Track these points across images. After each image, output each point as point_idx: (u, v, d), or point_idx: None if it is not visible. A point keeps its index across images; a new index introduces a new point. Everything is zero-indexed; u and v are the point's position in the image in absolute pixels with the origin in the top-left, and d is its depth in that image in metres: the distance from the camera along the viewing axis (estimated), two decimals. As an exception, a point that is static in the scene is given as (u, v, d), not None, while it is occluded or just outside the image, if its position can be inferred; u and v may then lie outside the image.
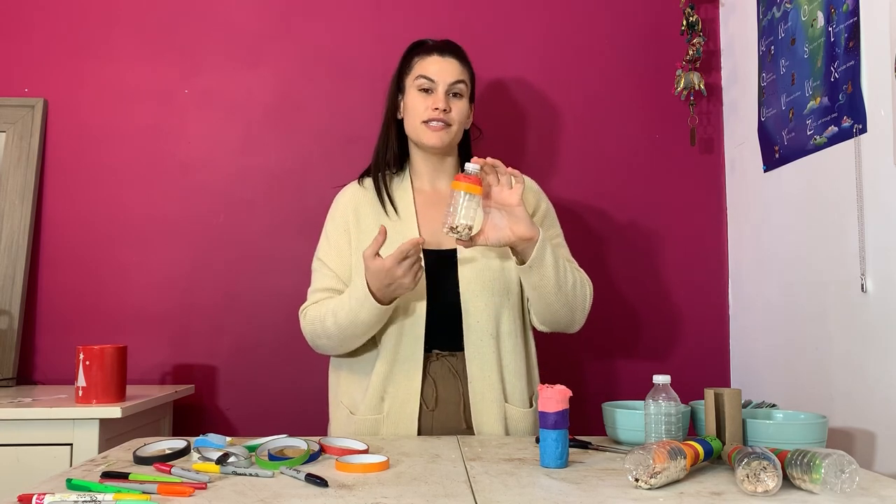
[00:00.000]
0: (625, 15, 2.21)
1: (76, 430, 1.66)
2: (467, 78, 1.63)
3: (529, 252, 1.45)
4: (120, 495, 1.01)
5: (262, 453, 1.24)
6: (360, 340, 1.54)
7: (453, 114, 1.60)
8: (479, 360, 1.55)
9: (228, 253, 2.15)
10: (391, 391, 1.54)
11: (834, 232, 1.62)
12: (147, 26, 2.20)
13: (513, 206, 1.43)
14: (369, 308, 1.46)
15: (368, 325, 1.49)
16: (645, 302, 2.18)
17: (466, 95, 1.62)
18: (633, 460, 1.08)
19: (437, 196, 1.65)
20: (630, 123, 2.20)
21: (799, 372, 1.78)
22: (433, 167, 1.66)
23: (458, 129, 1.62)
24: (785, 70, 1.82)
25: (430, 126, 1.59)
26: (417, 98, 1.60)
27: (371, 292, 1.45)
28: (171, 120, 2.18)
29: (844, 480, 1.03)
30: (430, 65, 1.60)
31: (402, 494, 1.04)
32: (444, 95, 1.59)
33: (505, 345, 1.58)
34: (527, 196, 1.66)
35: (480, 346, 1.55)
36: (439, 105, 1.57)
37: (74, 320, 2.12)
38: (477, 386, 1.55)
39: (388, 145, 1.67)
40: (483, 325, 1.56)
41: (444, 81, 1.59)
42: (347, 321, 1.49)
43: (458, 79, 1.60)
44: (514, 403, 1.58)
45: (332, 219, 1.67)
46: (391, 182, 1.67)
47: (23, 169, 2.12)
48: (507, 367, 1.58)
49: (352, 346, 1.56)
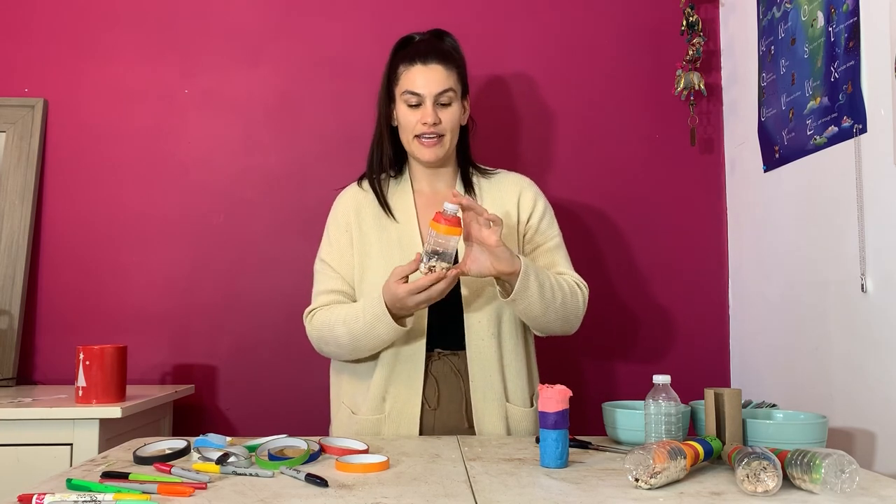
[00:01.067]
0: (625, 15, 2.21)
1: (76, 430, 1.66)
2: (454, 81, 1.59)
3: (512, 284, 1.44)
4: (120, 495, 1.01)
5: (262, 453, 1.24)
6: (373, 351, 1.54)
7: (444, 124, 1.58)
8: (480, 360, 1.55)
9: (228, 253, 2.15)
10: (393, 391, 1.55)
11: (834, 232, 1.62)
12: (147, 26, 2.20)
13: (492, 247, 1.41)
14: (386, 325, 1.45)
15: (384, 340, 1.49)
16: (645, 302, 2.18)
17: (457, 99, 1.60)
18: (633, 460, 1.08)
19: (436, 197, 1.65)
20: (630, 123, 2.20)
21: (799, 372, 1.78)
22: (432, 171, 1.66)
23: (452, 136, 1.61)
24: (785, 70, 1.82)
25: (423, 141, 1.58)
26: (407, 113, 1.58)
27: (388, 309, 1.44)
28: (171, 120, 2.18)
29: (844, 480, 1.03)
30: (415, 77, 1.57)
31: (402, 494, 1.04)
32: (433, 108, 1.56)
33: (506, 344, 1.58)
34: (524, 196, 1.66)
35: (482, 345, 1.55)
36: (428, 119, 1.56)
37: (74, 320, 2.12)
38: (478, 385, 1.55)
39: (383, 152, 1.66)
40: (484, 325, 1.56)
41: (430, 94, 1.56)
42: (362, 333, 1.48)
43: (443, 88, 1.56)
44: (515, 403, 1.58)
45: (333, 220, 1.66)
46: (389, 186, 1.66)
47: (23, 169, 2.12)
48: (509, 366, 1.58)
49: (363, 356, 1.56)
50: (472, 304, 1.56)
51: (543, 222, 1.65)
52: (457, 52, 1.64)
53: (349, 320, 1.50)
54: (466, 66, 1.65)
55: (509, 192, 1.66)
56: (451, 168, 1.68)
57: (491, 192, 1.66)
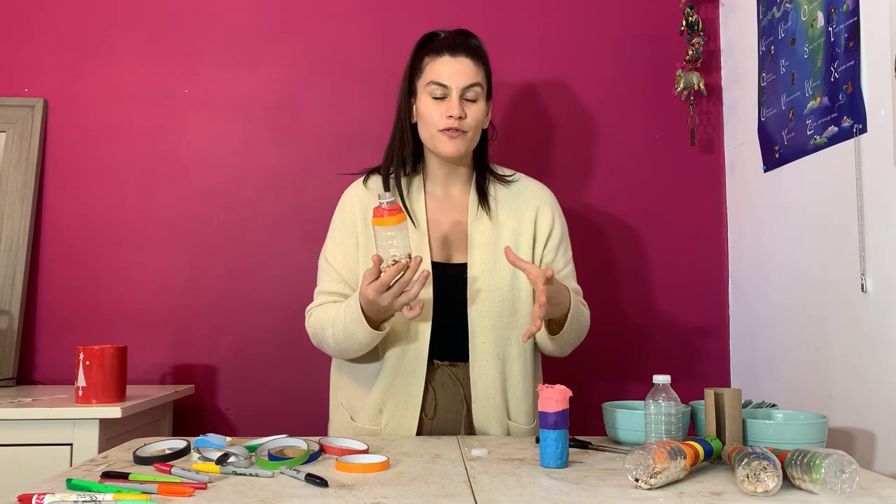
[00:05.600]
0: (625, 15, 2.21)
1: (76, 430, 1.66)
2: (482, 78, 1.55)
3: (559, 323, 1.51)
4: (120, 495, 1.00)
5: (262, 453, 1.24)
6: (358, 353, 1.53)
7: (469, 120, 1.53)
8: (483, 380, 1.53)
9: (228, 253, 2.15)
10: (390, 405, 1.53)
11: (834, 232, 1.62)
12: (147, 26, 2.20)
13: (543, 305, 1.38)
14: (363, 329, 1.44)
15: (364, 344, 1.48)
16: (644, 302, 2.18)
17: (483, 97, 1.55)
18: (633, 460, 1.08)
19: (449, 202, 1.62)
20: (630, 123, 2.20)
21: (799, 372, 1.78)
22: (448, 171, 1.61)
23: (475, 134, 1.56)
24: (785, 70, 1.82)
25: (447, 134, 1.53)
26: (431, 105, 1.53)
27: (364, 313, 1.43)
28: (171, 120, 2.18)
29: (844, 480, 1.03)
30: (442, 68, 1.52)
31: (402, 494, 1.04)
32: (459, 101, 1.51)
33: (512, 366, 1.55)
34: (542, 214, 1.62)
35: (486, 366, 1.53)
36: (453, 113, 1.50)
37: (74, 320, 2.12)
38: (481, 405, 1.53)
39: (403, 148, 1.61)
40: (489, 346, 1.53)
41: (457, 86, 1.51)
42: (343, 336, 1.48)
43: (472, 82, 1.52)
44: (517, 421, 1.57)
45: (339, 219, 1.62)
46: (406, 187, 1.61)
47: (23, 169, 2.12)
48: (513, 387, 1.55)
49: (351, 357, 1.55)
50: (478, 326, 1.53)
51: (561, 248, 1.63)
52: (484, 52, 1.60)
53: (336, 322, 1.49)
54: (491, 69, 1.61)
55: (527, 206, 1.62)
56: (467, 170, 1.64)
57: (508, 202, 1.62)
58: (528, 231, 1.60)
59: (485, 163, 1.65)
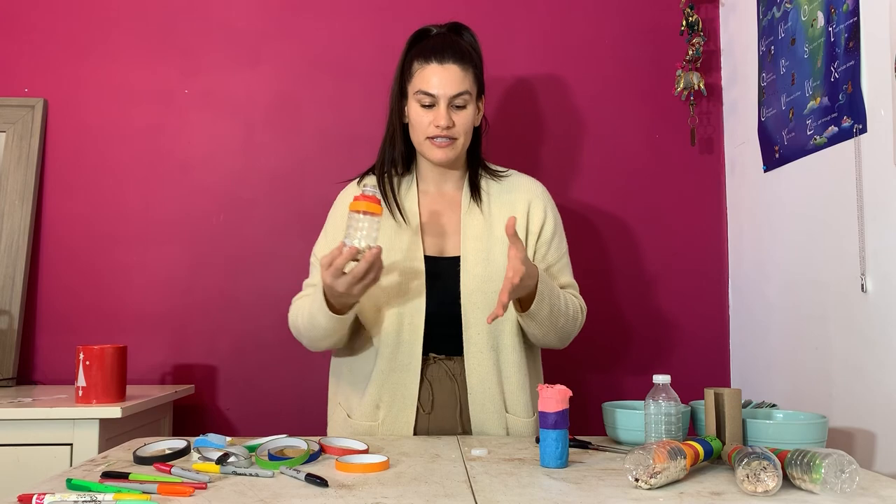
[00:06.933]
0: (625, 15, 2.21)
1: (76, 430, 1.66)
2: (471, 83, 1.54)
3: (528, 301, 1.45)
4: (120, 495, 1.00)
5: (262, 453, 1.24)
6: (327, 343, 1.54)
7: (457, 127, 1.53)
8: (478, 372, 1.53)
9: (228, 253, 2.15)
10: (387, 400, 1.53)
11: (834, 232, 1.62)
12: (147, 26, 2.20)
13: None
14: (324, 314, 1.44)
15: (326, 329, 1.48)
16: (645, 302, 2.18)
17: (472, 101, 1.55)
18: (633, 460, 1.08)
19: (442, 199, 1.63)
20: (630, 123, 2.20)
21: (799, 372, 1.78)
22: (441, 172, 1.62)
23: (465, 140, 1.56)
24: (785, 70, 1.82)
25: (435, 143, 1.54)
26: (420, 113, 1.53)
27: (326, 299, 1.43)
28: (171, 120, 2.18)
29: (844, 480, 1.03)
30: (430, 76, 1.52)
31: (402, 494, 1.04)
32: (447, 110, 1.52)
33: (507, 357, 1.55)
34: (534, 207, 1.62)
35: (480, 357, 1.53)
36: (441, 123, 1.51)
37: (74, 320, 2.12)
38: (477, 397, 1.53)
39: (394, 148, 1.62)
40: (484, 337, 1.53)
41: (445, 96, 1.51)
42: (308, 323, 1.50)
43: (459, 91, 1.52)
44: (515, 414, 1.56)
45: (333, 217, 1.65)
46: (395, 184, 1.62)
47: (23, 169, 2.12)
48: (508, 378, 1.55)
49: (321, 348, 1.57)
50: (472, 317, 1.53)
51: (554, 241, 1.62)
52: (474, 50, 1.60)
53: (303, 310, 1.53)
54: (483, 64, 1.61)
55: (519, 199, 1.62)
56: (461, 169, 1.65)
57: (500, 196, 1.63)
58: (521, 224, 1.60)
59: (478, 158, 1.66)
